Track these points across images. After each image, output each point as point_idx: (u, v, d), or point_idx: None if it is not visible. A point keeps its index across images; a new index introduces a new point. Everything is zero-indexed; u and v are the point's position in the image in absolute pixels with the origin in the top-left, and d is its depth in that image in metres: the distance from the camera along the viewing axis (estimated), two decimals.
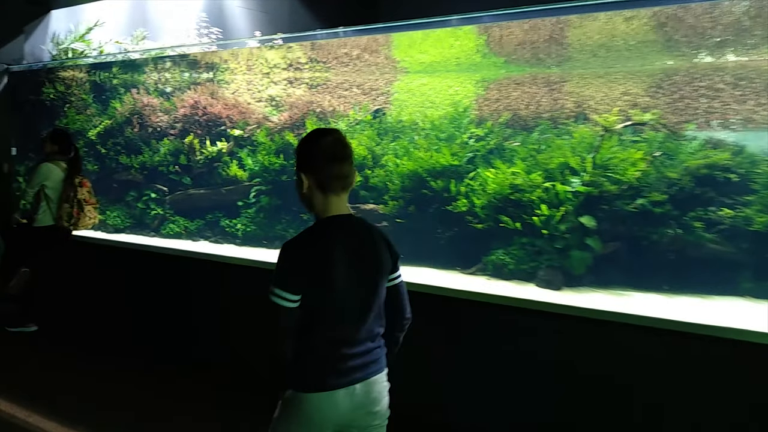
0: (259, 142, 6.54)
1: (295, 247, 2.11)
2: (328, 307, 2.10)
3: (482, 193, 5.01)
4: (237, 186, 6.76)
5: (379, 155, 5.83)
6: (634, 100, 5.80)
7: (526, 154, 5.00)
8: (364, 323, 2.16)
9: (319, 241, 2.11)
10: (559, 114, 6.07)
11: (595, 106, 6.00)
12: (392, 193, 5.48)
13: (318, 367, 2.10)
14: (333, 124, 6.14)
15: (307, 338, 2.10)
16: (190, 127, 7.24)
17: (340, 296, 2.09)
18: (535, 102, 5.64)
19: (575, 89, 6.08)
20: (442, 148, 5.28)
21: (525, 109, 6.23)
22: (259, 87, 7.72)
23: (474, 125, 5.60)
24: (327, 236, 2.13)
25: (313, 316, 2.09)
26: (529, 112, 6.17)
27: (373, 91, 6.43)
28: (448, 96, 5.93)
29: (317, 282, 2.06)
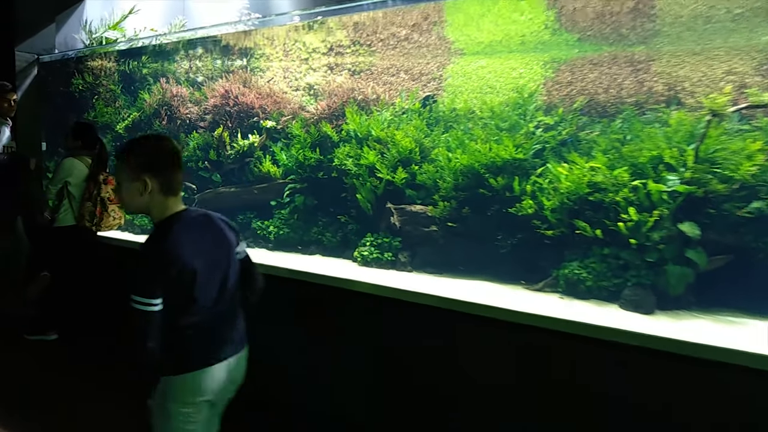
0: (294, 134, 6.00)
1: (153, 253, 2.24)
2: (195, 295, 2.31)
3: (553, 192, 4.38)
4: (270, 184, 6.32)
5: (428, 148, 5.27)
6: (742, 80, 4.79)
7: (607, 146, 4.40)
8: (228, 302, 2.48)
9: (172, 241, 2.27)
10: (645, 98, 5.12)
11: (691, 89, 5.01)
12: (443, 192, 4.90)
13: (195, 348, 2.36)
14: (376, 113, 5.68)
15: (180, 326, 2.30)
16: (220, 119, 6.78)
17: (203, 283, 2.32)
18: (616, 85, 5.35)
19: (665, 69, 5.13)
20: (504, 139, 4.68)
21: (604, 94, 5.32)
22: (296, 74, 7.13)
23: (542, 112, 5.02)
24: (177, 233, 2.30)
25: (182, 306, 2.30)
26: (608, 97, 5.27)
27: (422, 77, 6.00)
28: (510, 80, 5.44)
29: (180, 278, 2.24)
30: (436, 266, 4.83)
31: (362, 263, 5.05)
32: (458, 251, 4.77)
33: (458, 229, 4.77)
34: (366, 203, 5.26)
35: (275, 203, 6.17)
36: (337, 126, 5.80)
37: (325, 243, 5.59)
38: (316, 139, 5.88)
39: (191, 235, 2.34)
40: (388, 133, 5.27)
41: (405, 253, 5.00)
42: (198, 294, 2.31)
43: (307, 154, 5.81)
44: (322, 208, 5.85)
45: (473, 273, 4.72)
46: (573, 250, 4.30)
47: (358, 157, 5.36)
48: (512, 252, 4.57)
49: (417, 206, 5.09)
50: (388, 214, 5.13)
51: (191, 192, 7.36)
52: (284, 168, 6.14)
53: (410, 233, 5.00)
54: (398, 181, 5.11)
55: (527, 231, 4.49)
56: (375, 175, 5.24)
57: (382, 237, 5.11)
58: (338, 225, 5.61)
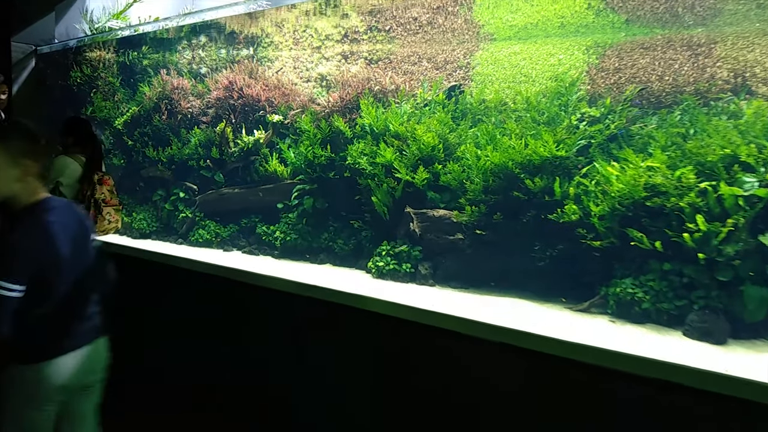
0: (303, 129, 5.67)
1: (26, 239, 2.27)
2: (55, 283, 2.37)
3: (601, 196, 3.99)
4: (276, 185, 5.99)
5: (453, 144, 4.90)
6: None
7: (667, 142, 4.01)
8: (83, 291, 2.53)
9: (45, 227, 2.35)
10: (707, 87, 4.56)
11: (763, 75, 4.36)
12: (471, 195, 4.53)
13: (50, 336, 2.41)
14: (394, 106, 5.35)
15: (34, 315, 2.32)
16: (223, 114, 6.52)
17: (65, 271, 2.40)
18: (673, 72, 4.82)
19: (730, 53, 4.50)
20: (543, 133, 4.29)
21: (658, 82, 4.70)
22: (307, 64, 6.74)
23: (586, 103, 4.67)
24: (49, 220, 2.37)
25: (40, 294, 2.33)
26: (664, 85, 4.73)
27: (447, 65, 5.67)
28: (548, 67, 5.10)
29: (47, 265, 2.32)
30: (462, 280, 4.48)
31: (377, 275, 4.72)
32: (488, 263, 4.41)
33: (488, 238, 4.40)
34: (382, 207, 4.89)
35: (282, 206, 5.84)
36: (351, 120, 5.49)
37: (336, 251, 5.28)
38: (327, 135, 5.53)
39: (61, 222, 2.39)
40: (407, 128, 4.94)
41: (426, 265, 4.65)
42: (58, 282, 2.37)
43: (317, 151, 5.47)
44: (333, 212, 5.52)
45: (506, 289, 4.35)
46: (626, 265, 3.90)
47: (373, 155, 5.01)
48: (552, 265, 4.17)
49: (440, 211, 4.71)
50: (407, 220, 4.78)
51: (192, 193, 7.02)
52: (292, 167, 5.83)
53: (432, 242, 4.66)
54: (419, 182, 4.75)
55: (570, 241, 4.09)
56: (392, 175, 4.87)
57: (399, 245, 4.76)
58: (351, 231, 5.28)
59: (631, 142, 4.25)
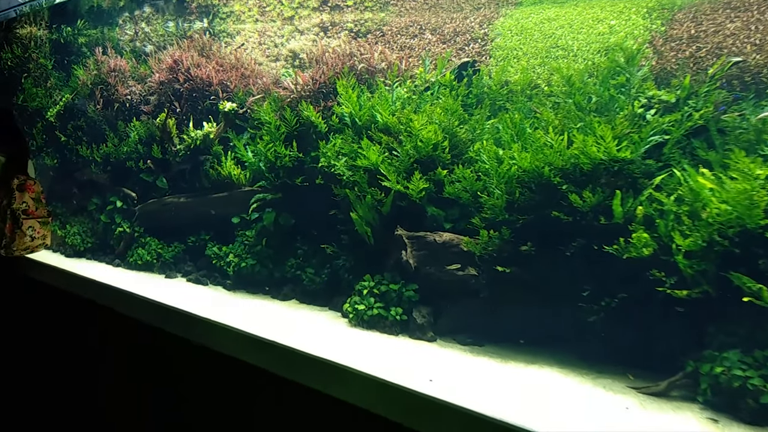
0: (264, 121, 4.81)
1: None
2: None
3: (688, 221, 3.08)
4: (231, 193, 5.17)
5: (464, 141, 4.05)
6: None
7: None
8: None
9: None
10: None
11: None
12: (489, 213, 3.69)
13: None
14: (383, 89, 4.46)
15: None
16: (166, 101, 5.80)
17: None
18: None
19: None
20: (595, 126, 3.40)
21: (756, 53, 3.83)
22: (275, 38, 5.81)
23: (653, 84, 3.75)
24: None
25: None
26: (766, 58, 3.80)
27: (458, 36, 4.94)
28: (595, 37, 4.22)
29: None
30: (474, 334, 3.71)
31: (355, 322, 3.94)
32: (514, 313, 3.61)
33: (514, 276, 3.56)
34: (364, 227, 4.09)
35: (238, 220, 5.07)
36: (327, 109, 4.71)
37: (305, 283, 4.53)
38: (293, 129, 4.69)
39: None
40: (401, 119, 4.11)
41: (424, 311, 3.83)
42: None
43: (279, 150, 4.64)
44: (301, 231, 4.76)
45: (539, 351, 3.51)
46: (728, 329, 2.97)
47: (354, 156, 4.19)
48: (610, 322, 3.32)
49: (445, 235, 3.87)
50: (399, 246, 3.97)
51: (131, 202, 6.05)
52: (251, 170, 5.07)
53: (433, 278, 3.84)
54: (414, 193, 3.92)
55: (638, 287, 3.22)
56: (379, 183, 4.03)
57: (387, 281, 3.98)
58: (325, 256, 4.54)
59: (727, 139, 3.32)
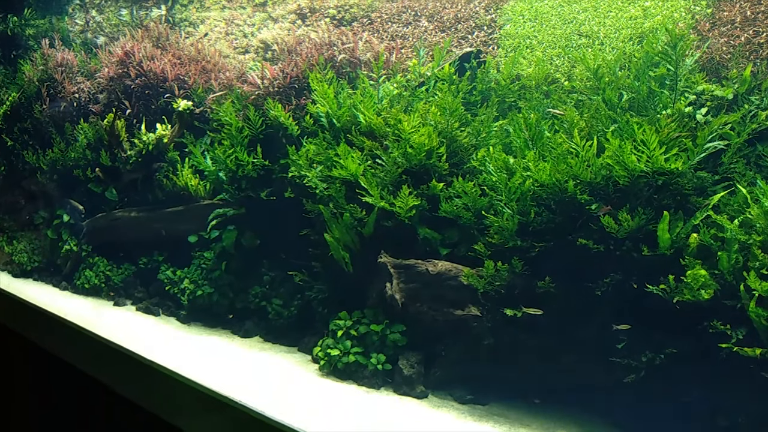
0: (224, 122, 4.51)
1: None
2: None
3: (762, 255, 2.60)
4: (188, 206, 4.86)
5: (466, 147, 3.73)
6: None
7: None
8: None
9: None
10: None
11: None
12: (496, 237, 3.28)
13: None
14: (367, 84, 4.09)
15: None
16: (116, 99, 5.35)
17: None
18: None
19: None
20: (635, 128, 2.94)
21: None
22: (245, 27, 5.41)
23: (703, 77, 3.34)
24: None
25: None
26: None
27: (459, 23, 4.76)
28: (625, 22, 3.81)
29: None
30: (476, 390, 3.34)
31: (327, 371, 3.54)
32: (526, 365, 3.27)
33: (527, 320, 3.19)
34: (341, 251, 3.75)
35: (196, 239, 4.75)
36: (300, 108, 4.36)
37: (271, 316, 4.26)
38: (258, 132, 4.37)
39: None
40: (388, 120, 3.76)
41: (413, 358, 3.43)
42: None
43: (241, 156, 4.31)
44: (268, 253, 4.45)
45: (558, 415, 3.11)
46: None
47: (330, 165, 3.85)
48: (652, 383, 2.92)
49: (440, 263, 3.51)
50: (383, 276, 3.58)
51: (78, 216, 5.60)
52: (211, 180, 4.74)
53: (425, 318, 3.49)
54: (403, 211, 3.56)
55: (693, 339, 2.83)
56: (360, 198, 3.67)
57: (368, 320, 3.57)
58: (295, 285, 4.22)
59: None
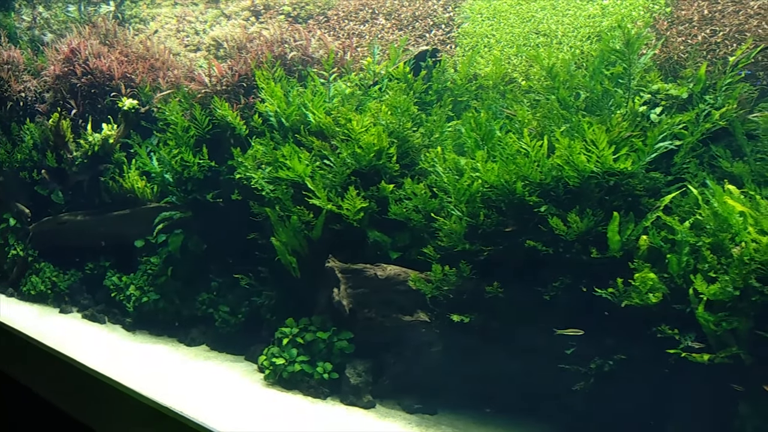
0: (170, 122, 4.48)
1: None
2: None
3: (712, 258, 2.61)
4: (134, 210, 4.81)
5: (417, 148, 3.75)
6: None
7: None
8: None
9: None
10: None
11: None
12: (445, 240, 3.28)
13: None
14: (318, 82, 4.07)
15: None
16: (61, 98, 5.28)
17: None
18: None
19: None
20: (585, 128, 2.98)
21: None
22: (196, 24, 5.37)
23: (658, 76, 3.40)
24: None
25: None
26: None
27: (417, 21, 4.80)
28: (583, 20, 3.95)
29: None
30: (425, 399, 3.34)
31: (272, 381, 3.50)
32: (476, 372, 3.26)
33: (476, 325, 3.20)
34: (288, 256, 3.73)
35: (142, 243, 4.65)
36: (248, 108, 4.35)
37: (217, 324, 4.19)
38: (205, 132, 4.34)
39: None
40: (339, 119, 3.74)
41: (360, 367, 3.42)
42: None
43: (187, 157, 4.25)
44: (216, 258, 4.43)
45: (510, 424, 3.10)
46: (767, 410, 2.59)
47: (277, 166, 3.77)
48: (602, 390, 2.90)
49: (390, 267, 3.50)
50: (330, 281, 3.58)
51: (24, 219, 5.53)
52: (159, 182, 4.65)
53: (373, 324, 3.49)
54: (351, 213, 3.53)
55: (642, 344, 2.83)
56: (307, 200, 3.64)
57: (315, 328, 3.58)
58: (243, 291, 4.21)
59: (758, 145, 2.84)
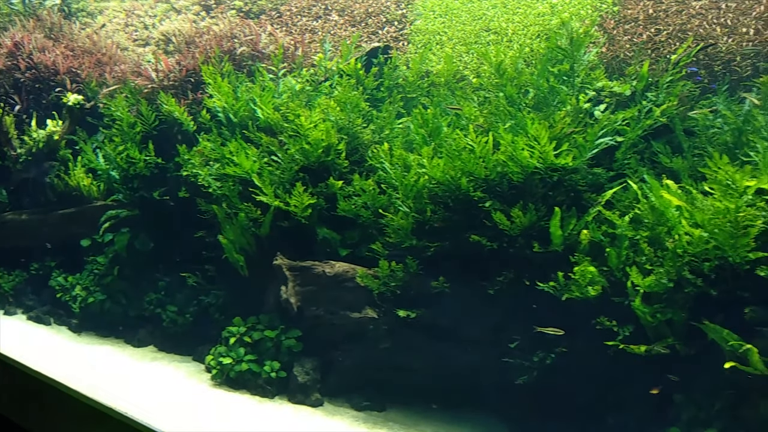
0: (115, 117, 4.45)
1: None
2: None
3: (649, 251, 2.72)
4: (80, 208, 4.79)
5: (367, 144, 3.79)
6: None
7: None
8: None
9: None
10: None
11: None
12: (394, 236, 3.36)
13: None
14: (266, 77, 4.08)
15: None
16: (4, 93, 5.27)
17: None
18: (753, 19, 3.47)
19: None
20: (528, 124, 3.08)
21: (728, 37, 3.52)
22: (146, 19, 5.43)
23: (602, 73, 3.53)
24: None
25: None
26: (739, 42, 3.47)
27: (370, 18, 4.91)
28: (534, 18, 4.02)
29: None
30: (373, 396, 3.38)
31: (220, 380, 3.53)
32: (423, 368, 3.33)
33: (422, 321, 3.27)
34: (235, 254, 3.74)
35: (89, 243, 4.60)
36: (196, 103, 4.31)
37: (165, 324, 4.17)
38: (151, 127, 4.34)
39: None
40: (288, 115, 3.77)
41: (308, 365, 3.47)
42: None
43: (133, 154, 4.21)
44: (163, 257, 4.42)
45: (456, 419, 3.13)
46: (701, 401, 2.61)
47: (224, 163, 3.77)
48: (545, 383, 2.99)
49: (338, 264, 3.56)
50: (279, 279, 3.61)
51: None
52: (105, 179, 4.63)
53: (322, 322, 3.55)
54: (299, 210, 3.53)
55: (583, 337, 2.93)
56: (255, 197, 3.65)
57: (263, 326, 3.56)
58: (191, 290, 4.14)
59: (696, 141, 2.98)
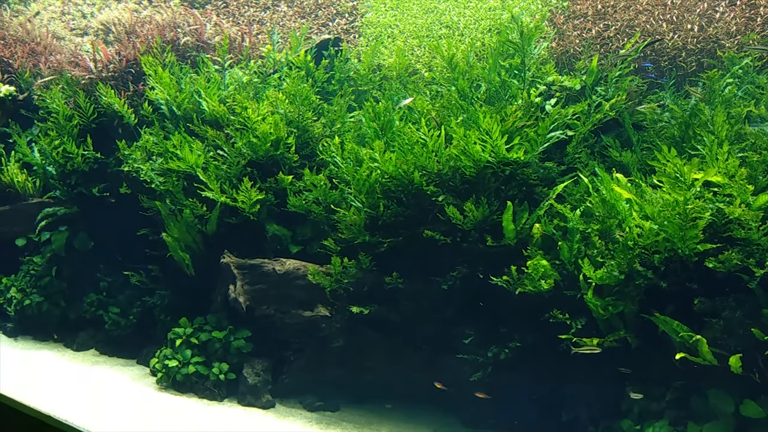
0: (51, 110, 4.33)
1: None
2: None
3: (600, 244, 2.74)
4: (15, 206, 4.72)
5: (317, 138, 3.80)
6: None
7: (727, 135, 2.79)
8: None
9: None
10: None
11: None
12: (346, 232, 3.33)
13: None
14: (212, 69, 4.03)
15: None
16: None
17: None
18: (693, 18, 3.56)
19: None
20: (480, 118, 3.06)
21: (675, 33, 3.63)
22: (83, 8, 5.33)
23: (553, 67, 3.61)
24: None
25: None
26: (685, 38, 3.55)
27: (320, 10, 4.95)
28: (485, 12, 4.33)
29: None
30: (326, 396, 3.37)
31: (166, 384, 3.49)
32: (377, 366, 3.27)
33: (376, 318, 3.24)
34: (180, 252, 3.67)
35: (24, 242, 4.55)
36: (138, 95, 4.24)
37: (107, 327, 4.13)
38: (90, 121, 4.26)
39: None
40: (234, 108, 3.72)
41: (259, 366, 3.43)
42: None
43: (70, 148, 4.13)
44: (105, 257, 4.29)
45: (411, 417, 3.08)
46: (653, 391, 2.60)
47: (167, 157, 3.72)
48: (498, 378, 2.95)
49: (288, 262, 3.51)
50: (227, 278, 3.53)
51: None
52: (40, 175, 4.54)
53: (272, 321, 3.48)
54: (246, 206, 3.44)
55: (537, 331, 2.94)
56: (200, 193, 3.60)
57: (210, 327, 3.50)
58: (135, 291, 4.09)
59: (644, 135, 3.04)
